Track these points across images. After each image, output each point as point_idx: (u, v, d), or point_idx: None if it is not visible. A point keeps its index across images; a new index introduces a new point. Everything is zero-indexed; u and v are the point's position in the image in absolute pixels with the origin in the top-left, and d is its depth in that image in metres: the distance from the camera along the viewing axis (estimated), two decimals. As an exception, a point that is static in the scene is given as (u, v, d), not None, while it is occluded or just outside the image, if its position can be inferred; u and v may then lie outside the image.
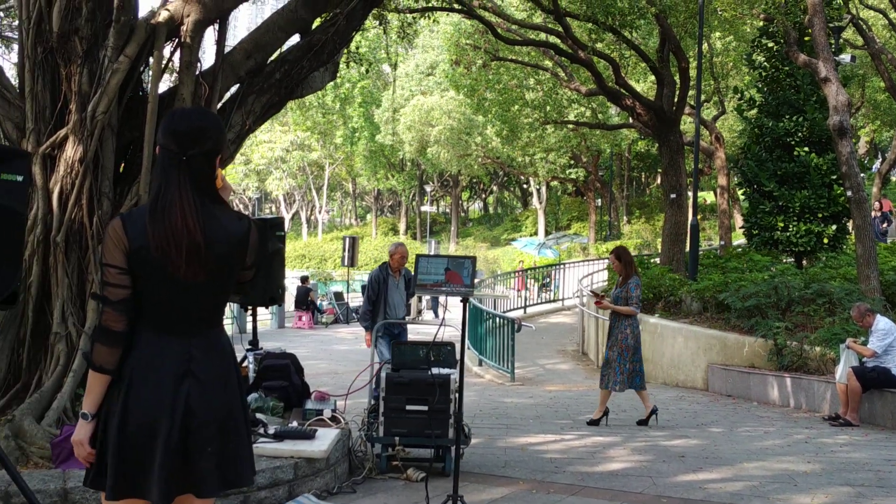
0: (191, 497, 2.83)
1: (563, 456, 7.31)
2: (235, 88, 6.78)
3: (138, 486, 2.75)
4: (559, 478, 6.39)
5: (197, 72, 6.31)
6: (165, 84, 6.85)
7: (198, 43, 6.28)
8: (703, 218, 36.10)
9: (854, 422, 9.22)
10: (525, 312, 23.84)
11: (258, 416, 5.98)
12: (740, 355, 12.05)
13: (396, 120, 44.46)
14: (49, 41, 5.90)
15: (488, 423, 9.17)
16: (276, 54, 7.06)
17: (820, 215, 17.38)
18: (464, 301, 5.34)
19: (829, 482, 6.23)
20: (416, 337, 9.54)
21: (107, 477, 2.76)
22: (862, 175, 12.90)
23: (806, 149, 17.64)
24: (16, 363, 5.78)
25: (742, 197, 21.79)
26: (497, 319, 15.45)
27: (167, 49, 6.32)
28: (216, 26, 6.57)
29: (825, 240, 17.36)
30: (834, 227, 17.46)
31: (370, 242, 53.87)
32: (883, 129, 33.97)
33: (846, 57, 19.42)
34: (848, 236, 17.46)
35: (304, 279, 27.19)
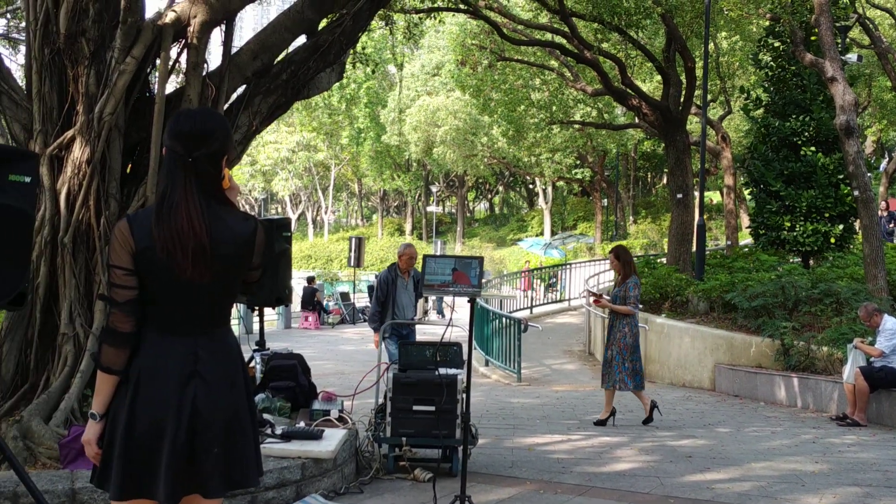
0: (197, 497, 2.83)
1: (570, 456, 7.30)
2: (242, 89, 6.78)
3: (145, 487, 2.76)
4: (566, 478, 6.38)
5: (204, 73, 6.32)
6: (172, 85, 6.86)
7: (204, 44, 6.29)
8: (710, 218, 36.05)
9: (862, 422, 9.21)
10: (531, 313, 23.79)
11: (265, 417, 5.99)
12: (747, 355, 12.03)
13: (402, 120, 44.50)
14: (56, 42, 5.91)
15: (495, 424, 9.16)
16: (283, 55, 7.07)
17: (827, 215, 17.33)
18: (471, 301, 5.34)
19: (837, 482, 6.22)
20: (423, 337, 9.53)
21: (113, 477, 2.76)
22: (869, 174, 12.89)
23: (812, 148, 17.59)
24: (24, 364, 5.80)
25: (748, 197, 21.71)
26: (503, 320, 15.43)
27: (174, 50, 6.33)
28: (223, 27, 6.58)
29: (832, 239, 17.31)
30: (841, 227, 17.41)
31: (376, 243, 53.92)
32: (890, 129, 33.84)
33: (853, 56, 19.35)
34: (855, 236, 17.41)
35: (311, 280, 27.21)
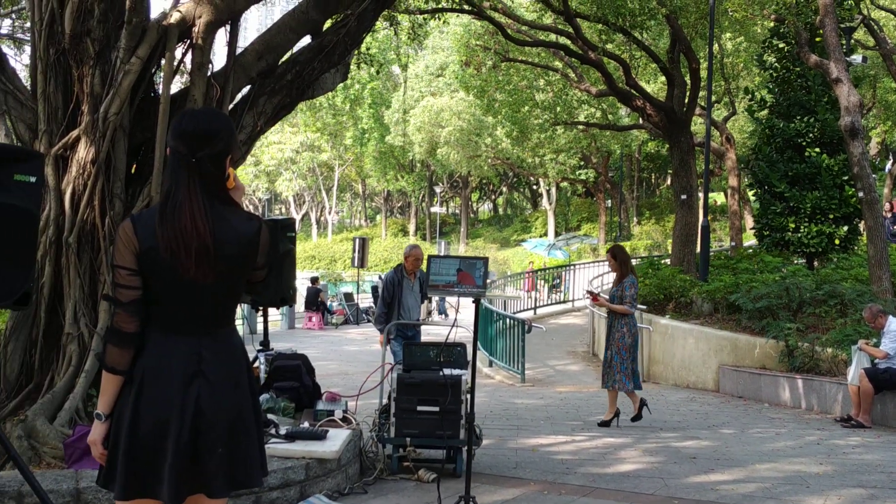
0: (201, 497, 2.83)
1: (574, 457, 7.30)
2: (247, 90, 6.79)
3: (149, 487, 2.76)
4: (570, 479, 6.38)
5: (208, 73, 6.32)
6: (177, 85, 6.87)
7: (209, 44, 6.29)
8: (714, 219, 35.96)
9: (866, 423, 9.19)
10: (535, 313, 23.80)
11: (269, 417, 5.99)
12: (751, 356, 12.01)
13: (406, 121, 44.50)
14: (61, 43, 5.92)
15: (499, 424, 9.16)
16: (288, 56, 7.06)
17: (831, 216, 17.32)
18: (476, 302, 5.33)
19: (842, 484, 6.20)
20: (428, 338, 9.52)
21: (117, 476, 2.77)
22: (873, 176, 12.85)
23: (817, 150, 17.58)
24: (28, 364, 5.81)
25: (753, 198, 21.71)
26: (507, 320, 15.43)
27: (179, 50, 6.33)
28: (227, 28, 6.58)
29: (836, 241, 17.30)
30: (845, 228, 17.40)
31: (380, 243, 53.92)
32: (894, 130, 33.79)
33: (857, 57, 19.31)
34: (859, 237, 17.40)
35: (315, 280, 27.28)
